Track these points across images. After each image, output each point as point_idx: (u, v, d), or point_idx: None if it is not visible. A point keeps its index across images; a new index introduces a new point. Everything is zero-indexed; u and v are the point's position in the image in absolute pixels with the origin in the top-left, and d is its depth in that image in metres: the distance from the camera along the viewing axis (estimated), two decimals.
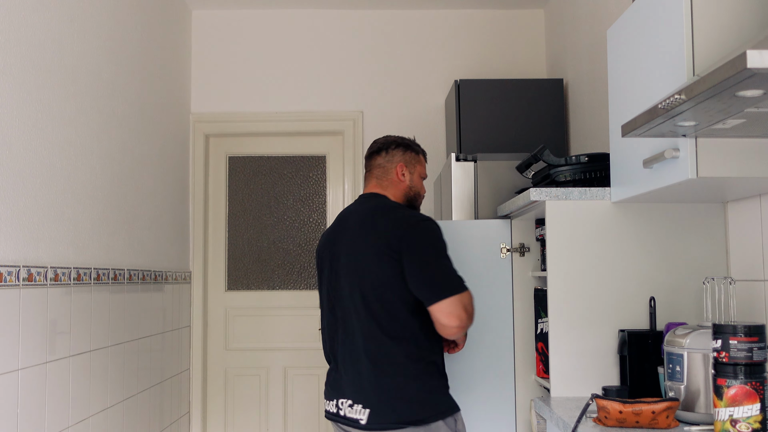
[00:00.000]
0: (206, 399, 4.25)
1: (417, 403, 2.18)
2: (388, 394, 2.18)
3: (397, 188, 2.42)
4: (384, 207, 2.34)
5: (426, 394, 2.20)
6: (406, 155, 2.44)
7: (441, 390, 2.25)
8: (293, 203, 4.36)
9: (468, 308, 2.18)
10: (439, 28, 4.31)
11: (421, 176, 2.48)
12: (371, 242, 2.23)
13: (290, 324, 4.28)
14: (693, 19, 1.69)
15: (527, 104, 3.69)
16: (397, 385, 2.18)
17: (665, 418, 1.73)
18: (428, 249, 2.21)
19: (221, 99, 4.27)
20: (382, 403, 2.18)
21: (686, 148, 1.71)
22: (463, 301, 2.17)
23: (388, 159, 2.43)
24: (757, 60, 1.15)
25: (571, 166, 2.39)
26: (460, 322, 2.16)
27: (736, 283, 2.06)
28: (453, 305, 2.15)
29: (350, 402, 2.23)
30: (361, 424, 2.19)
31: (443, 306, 2.15)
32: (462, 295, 2.17)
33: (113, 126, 3.04)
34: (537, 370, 2.65)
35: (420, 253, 2.20)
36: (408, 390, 2.18)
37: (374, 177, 2.44)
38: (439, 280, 2.18)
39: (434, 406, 2.20)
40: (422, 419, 2.16)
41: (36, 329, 2.33)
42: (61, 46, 2.58)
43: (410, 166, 2.44)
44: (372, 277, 2.21)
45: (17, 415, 2.20)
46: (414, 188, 2.44)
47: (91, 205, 2.79)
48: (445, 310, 2.15)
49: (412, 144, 2.48)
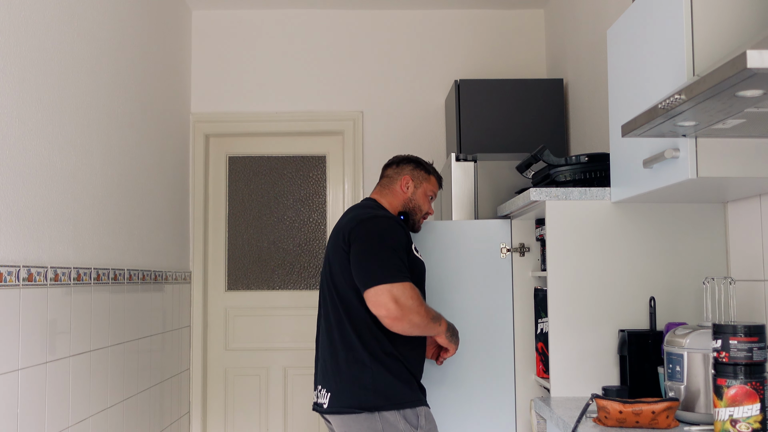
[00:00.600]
0: (206, 399, 4.25)
1: (373, 392, 2.27)
2: (347, 380, 2.30)
3: (395, 197, 2.56)
4: (360, 207, 2.50)
5: (383, 383, 2.28)
6: (415, 171, 2.57)
7: (404, 382, 2.31)
8: (293, 203, 4.36)
9: (400, 299, 2.22)
10: (439, 28, 4.31)
11: (427, 194, 2.58)
12: (338, 239, 2.39)
13: (290, 324, 4.28)
14: (693, 19, 1.69)
15: (527, 104, 3.69)
16: (355, 372, 2.29)
17: (665, 418, 1.73)
18: (370, 240, 2.31)
19: (221, 99, 4.27)
20: (341, 388, 2.31)
21: (686, 148, 1.71)
22: (393, 291, 2.21)
23: (396, 171, 2.59)
24: (757, 60, 1.15)
25: (571, 166, 2.39)
26: (387, 312, 2.22)
27: (736, 283, 2.06)
28: (379, 294, 2.22)
29: (320, 387, 2.38)
30: (324, 408, 2.34)
31: (370, 295, 2.24)
32: (393, 286, 2.22)
33: (113, 126, 3.04)
34: (537, 370, 2.65)
35: (361, 244, 2.31)
36: (364, 378, 2.28)
37: (379, 185, 2.61)
38: (370, 269, 2.26)
39: (391, 396, 2.27)
40: (377, 407, 2.26)
41: (36, 329, 2.33)
42: (62, 46, 2.58)
43: (416, 181, 2.56)
44: (334, 270, 2.38)
45: (17, 415, 2.20)
46: (414, 201, 2.56)
47: (91, 205, 2.79)
48: (371, 299, 2.24)
49: (425, 164, 2.61)
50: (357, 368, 2.29)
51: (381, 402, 2.26)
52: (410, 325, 2.26)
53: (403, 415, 2.26)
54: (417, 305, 2.25)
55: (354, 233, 2.34)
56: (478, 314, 2.70)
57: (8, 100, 2.23)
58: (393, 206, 2.55)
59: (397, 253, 2.29)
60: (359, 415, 2.26)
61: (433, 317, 2.34)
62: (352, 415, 2.27)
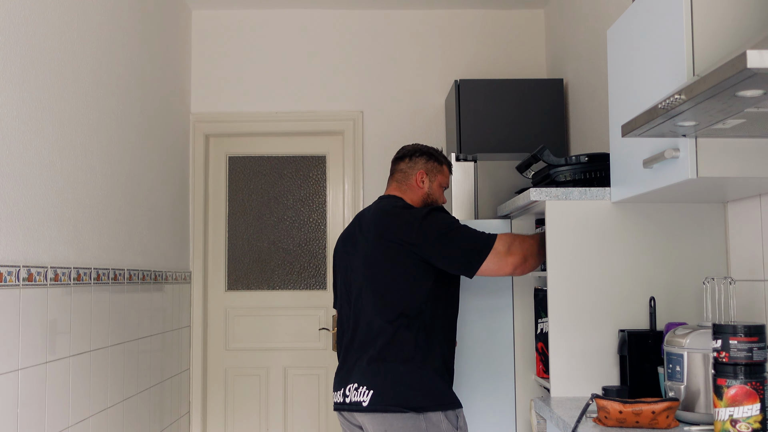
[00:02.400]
0: (206, 399, 4.25)
1: (420, 392, 2.25)
2: (393, 379, 2.27)
3: (415, 193, 2.55)
4: (395, 207, 2.45)
5: (430, 384, 2.27)
6: (428, 164, 2.56)
7: (445, 384, 2.32)
8: (293, 203, 4.36)
9: (512, 248, 2.30)
10: (439, 28, 4.30)
11: (442, 185, 2.59)
12: (383, 239, 2.34)
13: (290, 324, 4.28)
14: (693, 19, 1.69)
15: (527, 104, 3.69)
16: (403, 371, 2.27)
17: (665, 418, 1.73)
18: (443, 230, 2.32)
19: (221, 99, 4.27)
20: (387, 386, 2.26)
21: (686, 148, 1.71)
22: (499, 248, 2.29)
23: (410, 165, 2.56)
24: (757, 60, 1.15)
25: (571, 166, 2.39)
26: (513, 262, 2.31)
27: (736, 283, 2.06)
28: (496, 257, 2.29)
29: (356, 385, 2.30)
30: (363, 406, 2.26)
31: (486, 268, 2.30)
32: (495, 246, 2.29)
33: (113, 126, 3.04)
34: (537, 370, 2.65)
35: (438, 237, 2.31)
36: (413, 377, 2.26)
37: (395, 180, 2.58)
38: (469, 246, 2.30)
39: (437, 397, 2.27)
40: (423, 407, 2.24)
41: (36, 329, 2.33)
42: (62, 46, 2.58)
43: (431, 174, 2.56)
44: (384, 271, 2.34)
45: (17, 415, 2.20)
46: (432, 195, 2.56)
47: (91, 205, 2.79)
48: (493, 265, 2.30)
49: (436, 154, 2.60)
50: (406, 367, 2.27)
51: (428, 402, 2.25)
52: (533, 257, 2.35)
53: (446, 416, 2.26)
54: (520, 241, 2.33)
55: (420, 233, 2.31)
56: (478, 314, 2.70)
57: (8, 100, 2.23)
58: (414, 202, 2.54)
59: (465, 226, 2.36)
60: (404, 414, 2.22)
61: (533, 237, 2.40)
62: (397, 414, 2.22)
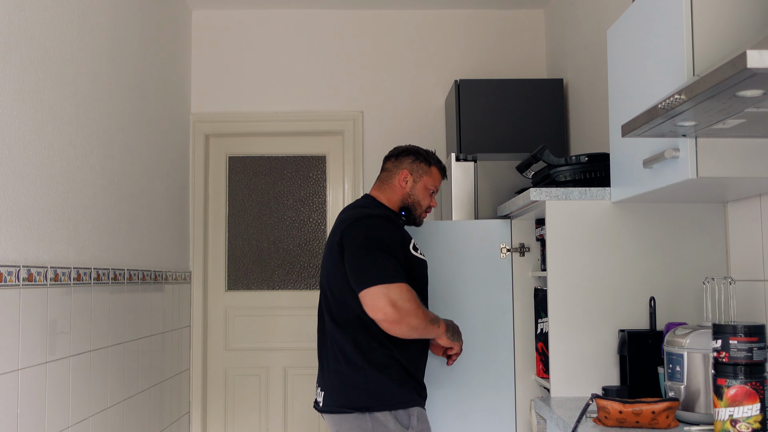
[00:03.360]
0: (206, 399, 4.25)
1: (365, 392, 2.25)
2: (341, 380, 2.30)
3: (394, 192, 2.49)
4: (353, 208, 2.45)
5: (377, 384, 2.25)
6: (414, 164, 2.50)
7: (397, 383, 2.27)
8: (293, 203, 4.36)
9: (397, 302, 2.16)
10: (439, 28, 4.30)
11: (428, 187, 2.51)
12: (332, 240, 2.37)
13: (290, 324, 4.28)
14: (693, 19, 1.69)
15: (527, 104, 3.69)
16: (348, 372, 2.28)
17: (665, 418, 1.73)
18: (363, 241, 2.27)
19: (221, 99, 4.27)
20: (335, 388, 2.31)
21: (686, 148, 1.71)
22: (390, 294, 2.17)
23: (395, 164, 2.51)
24: (757, 60, 1.15)
25: (571, 166, 2.39)
26: (384, 315, 2.18)
27: (736, 283, 2.06)
28: (375, 298, 2.17)
29: (318, 387, 2.39)
30: (320, 407, 2.35)
31: (366, 297, 2.19)
32: (388, 287, 2.17)
33: (113, 126, 3.04)
34: (537, 370, 2.65)
35: (354, 245, 2.27)
36: (357, 378, 2.26)
37: (378, 179, 2.55)
38: (365, 270, 2.22)
39: (384, 397, 2.25)
40: (368, 407, 2.24)
41: (36, 329, 2.33)
42: (61, 46, 2.58)
43: (415, 174, 2.49)
44: (328, 271, 2.36)
45: (17, 415, 2.20)
46: (414, 196, 2.49)
47: (91, 205, 2.79)
48: (368, 302, 2.19)
49: (426, 154, 2.52)
50: (351, 368, 2.28)
51: (372, 402, 2.24)
52: (409, 328, 2.22)
53: (395, 415, 2.25)
54: (414, 307, 2.21)
55: (347, 234, 2.30)
56: (478, 314, 2.70)
57: (8, 100, 2.23)
58: (392, 202, 2.49)
59: (392, 254, 2.25)
60: (350, 414, 2.26)
61: (431, 319, 2.30)
62: (344, 415, 2.27)
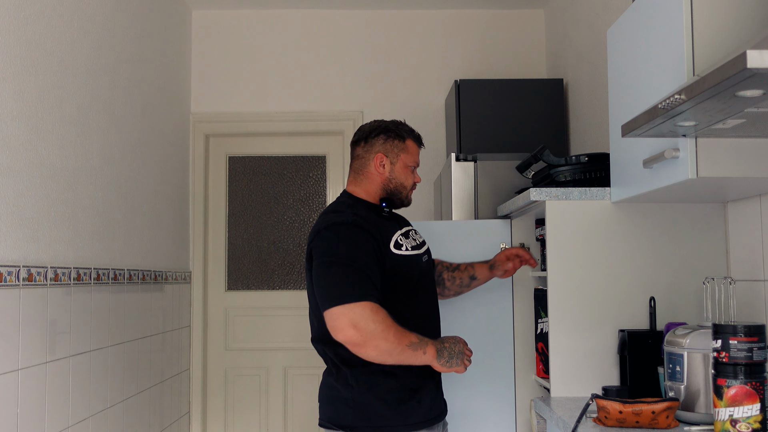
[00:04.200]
0: (206, 399, 4.25)
1: (349, 409, 2.06)
2: (331, 395, 2.13)
3: (372, 182, 2.22)
4: (327, 211, 2.20)
5: (364, 403, 2.05)
6: (387, 144, 2.21)
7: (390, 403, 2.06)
8: (293, 203, 4.36)
9: (359, 324, 1.92)
10: (439, 28, 4.30)
11: (407, 165, 2.23)
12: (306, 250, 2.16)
13: (290, 324, 4.28)
14: (693, 19, 1.69)
15: (527, 104, 3.69)
16: (338, 387, 2.09)
17: (665, 418, 1.73)
18: (324, 256, 2.04)
19: (221, 99, 4.27)
20: (324, 400, 2.15)
21: (686, 148, 1.71)
22: (350, 314, 1.92)
23: (366, 149, 2.22)
24: (757, 60, 1.15)
25: (571, 166, 2.39)
26: (345, 338, 1.94)
27: (736, 283, 2.06)
28: (335, 318, 1.94)
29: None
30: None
31: (327, 319, 1.97)
32: (349, 308, 1.93)
33: (113, 126, 3.04)
34: (537, 370, 2.65)
35: (317, 261, 2.06)
36: (343, 393, 2.08)
37: (352, 170, 2.26)
38: (324, 288, 2.00)
39: (368, 417, 2.05)
40: (350, 426, 2.05)
41: (36, 329, 2.33)
42: (61, 46, 2.58)
43: (391, 155, 2.21)
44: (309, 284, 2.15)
45: (17, 415, 2.20)
46: (395, 180, 2.21)
47: (91, 205, 2.79)
48: (329, 324, 1.97)
49: (396, 129, 2.23)
50: (340, 384, 2.09)
51: (358, 423, 2.05)
52: (377, 351, 1.94)
53: None
54: (382, 329, 1.93)
55: (314, 248, 2.08)
56: (478, 314, 2.70)
57: (8, 100, 2.23)
58: (371, 193, 2.22)
59: (357, 267, 1.99)
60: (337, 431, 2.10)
61: (410, 344, 1.98)
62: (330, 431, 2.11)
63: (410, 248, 2.16)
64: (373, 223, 2.12)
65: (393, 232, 2.15)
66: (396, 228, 2.18)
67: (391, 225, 2.19)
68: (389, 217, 2.23)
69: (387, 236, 2.12)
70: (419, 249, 2.22)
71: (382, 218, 2.19)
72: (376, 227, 2.11)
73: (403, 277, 2.12)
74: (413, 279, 2.16)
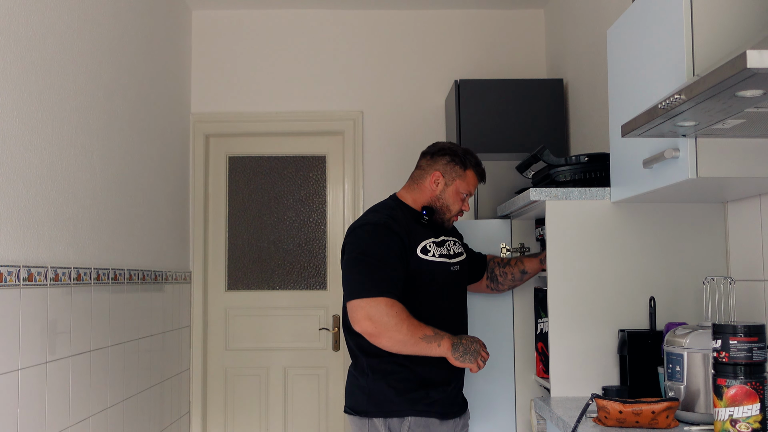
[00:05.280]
0: (206, 399, 4.25)
1: (365, 396, 2.28)
2: (351, 382, 2.36)
3: (423, 194, 2.39)
4: (368, 211, 2.42)
5: (376, 390, 2.27)
6: (448, 165, 2.38)
7: (399, 391, 2.25)
8: (293, 203, 4.36)
9: (374, 317, 2.13)
10: (439, 28, 4.30)
11: (459, 191, 2.39)
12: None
13: (290, 324, 4.28)
14: (693, 19, 1.69)
15: (527, 104, 3.69)
16: (356, 374, 2.33)
17: (665, 418, 1.73)
18: (350, 253, 2.26)
19: (221, 99, 4.27)
20: (348, 388, 2.38)
21: (686, 148, 1.71)
22: (367, 308, 2.14)
23: (429, 164, 2.41)
24: (757, 60, 1.15)
25: (571, 166, 2.39)
26: (362, 329, 2.16)
27: (736, 283, 2.06)
28: (354, 310, 2.17)
29: None
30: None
31: (348, 309, 2.20)
32: (367, 302, 2.14)
33: (113, 126, 3.04)
34: (537, 370, 2.65)
35: (345, 256, 2.29)
36: (360, 381, 2.31)
37: (410, 178, 2.46)
38: (349, 282, 2.23)
39: (379, 403, 2.26)
40: (367, 412, 2.27)
41: (36, 329, 2.33)
42: (61, 46, 2.58)
43: (448, 177, 2.38)
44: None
45: (17, 415, 2.21)
46: (442, 200, 2.37)
47: (91, 205, 2.79)
48: (350, 315, 2.20)
49: (463, 156, 2.39)
50: (358, 372, 2.33)
51: (371, 408, 2.27)
52: (392, 342, 2.15)
53: (388, 423, 2.26)
54: (396, 322, 2.13)
55: (345, 244, 2.33)
56: (478, 314, 2.70)
57: (8, 100, 2.23)
58: (418, 203, 2.40)
59: (381, 264, 2.18)
60: (355, 417, 2.32)
61: (424, 336, 2.17)
62: (351, 416, 2.34)
63: (438, 255, 2.32)
64: (404, 225, 2.29)
65: (425, 237, 2.32)
66: (430, 235, 2.34)
67: (426, 232, 2.35)
68: (427, 225, 2.37)
69: (416, 240, 2.29)
70: (450, 258, 2.37)
71: (418, 224, 2.35)
72: (405, 230, 2.28)
73: (425, 279, 2.29)
74: (435, 284, 2.31)
